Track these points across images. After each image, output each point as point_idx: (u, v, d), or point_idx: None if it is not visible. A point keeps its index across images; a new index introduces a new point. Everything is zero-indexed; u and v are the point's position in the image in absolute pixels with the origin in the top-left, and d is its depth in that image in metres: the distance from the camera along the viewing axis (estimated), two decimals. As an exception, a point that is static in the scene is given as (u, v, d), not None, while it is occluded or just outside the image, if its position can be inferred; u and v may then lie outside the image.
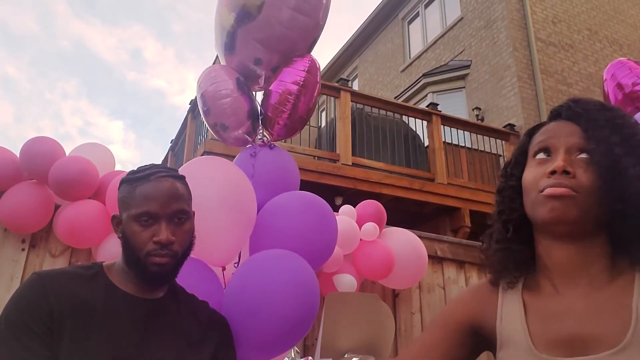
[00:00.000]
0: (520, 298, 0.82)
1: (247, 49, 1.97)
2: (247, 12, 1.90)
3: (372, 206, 3.19)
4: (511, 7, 8.20)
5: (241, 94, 1.99)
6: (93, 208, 2.37)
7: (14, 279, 2.46)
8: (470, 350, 0.86)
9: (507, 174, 0.88)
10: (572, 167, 0.75)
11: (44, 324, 0.97)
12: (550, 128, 0.82)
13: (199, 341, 1.15)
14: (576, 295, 0.75)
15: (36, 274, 1.04)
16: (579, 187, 0.74)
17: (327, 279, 2.92)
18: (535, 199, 0.77)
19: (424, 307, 3.44)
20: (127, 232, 1.09)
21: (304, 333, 1.65)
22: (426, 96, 9.18)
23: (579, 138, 0.78)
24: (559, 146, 0.78)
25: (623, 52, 9.13)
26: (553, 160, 0.78)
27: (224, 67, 2.08)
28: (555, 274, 0.79)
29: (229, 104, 1.97)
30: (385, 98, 7.27)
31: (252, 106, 2.03)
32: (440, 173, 6.06)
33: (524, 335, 0.77)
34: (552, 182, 0.75)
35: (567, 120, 0.81)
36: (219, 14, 2.00)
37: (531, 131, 0.87)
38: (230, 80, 2.00)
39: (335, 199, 5.58)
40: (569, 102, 0.84)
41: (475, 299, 0.88)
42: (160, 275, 1.10)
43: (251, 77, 2.06)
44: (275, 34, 1.95)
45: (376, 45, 12.22)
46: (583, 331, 0.72)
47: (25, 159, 2.42)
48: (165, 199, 1.09)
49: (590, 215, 0.74)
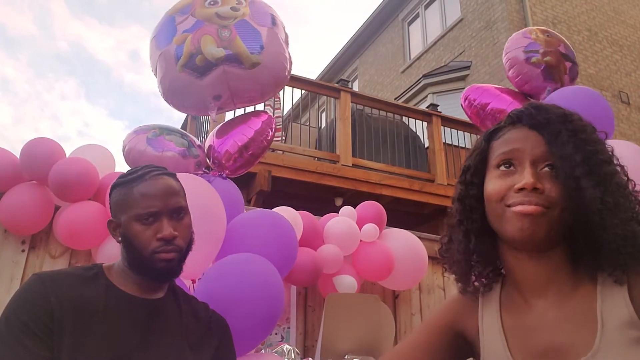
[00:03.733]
0: (498, 313, 0.83)
1: (215, 85, 2.01)
2: (239, 61, 1.97)
3: (372, 207, 3.19)
4: (511, 8, 8.21)
5: (183, 158, 2.05)
6: (93, 209, 2.37)
7: (13, 280, 2.46)
8: (455, 353, 0.87)
9: (467, 182, 0.85)
10: (540, 183, 0.74)
11: (44, 324, 0.97)
12: (513, 137, 0.79)
13: (199, 342, 1.16)
14: (546, 307, 0.77)
15: (36, 275, 1.04)
16: (549, 202, 0.73)
17: (328, 280, 2.92)
18: (502, 214, 0.76)
19: (424, 308, 3.43)
20: (129, 233, 1.09)
21: (270, 330, 1.78)
22: (426, 97, 9.19)
23: (543, 150, 0.76)
24: (524, 159, 0.76)
25: (623, 53, 9.14)
26: (519, 173, 0.76)
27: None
28: (525, 287, 0.79)
29: (175, 166, 2.01)
30: (385, 99, 7.27)
31: (197, 161, 2.11)
32: (441, 174, 6.06)
33: (503, 351, 0.79)
34: (522, 199, 0.73)
35: (529, 128, 0.78)
36: (202, 37, 2.00)
37: (489, 136, 0.84)
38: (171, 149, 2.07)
39: (335, 200, 5.58)
40: (530, 109, 0.80)
41: (461, 308, 0.89)
42: (168, 271, 1.11)
43: (200, 107, 2.14)
44: (249, 89, 2.07)
45: (376, 46, 12.23)
46: (555, 341, 0.74)
47: (25, 160, 2.42)
48: (164, 195, 1.10)
49: (556, 229, 0.73)
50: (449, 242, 0.88)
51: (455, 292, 0.93)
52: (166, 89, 2.06)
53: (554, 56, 2.33)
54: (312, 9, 65.58)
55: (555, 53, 2.34)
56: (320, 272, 2.80)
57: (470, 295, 0.88)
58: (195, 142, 2.09)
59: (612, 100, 8.40)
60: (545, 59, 2.32)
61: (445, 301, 0.94)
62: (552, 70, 2.32)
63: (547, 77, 2.34)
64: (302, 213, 2.83)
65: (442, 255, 0.89)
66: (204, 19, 1.99)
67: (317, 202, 5.29)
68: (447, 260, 0.88)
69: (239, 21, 2.00)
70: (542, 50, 2.34)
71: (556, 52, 2.34)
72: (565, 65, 2.33)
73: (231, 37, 1.95)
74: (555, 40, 2.39)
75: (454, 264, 0.87)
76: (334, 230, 2.93)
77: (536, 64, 2.34)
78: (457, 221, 0.86)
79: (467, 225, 0.84)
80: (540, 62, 2.33)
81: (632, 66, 9.15)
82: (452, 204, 0.88)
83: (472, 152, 0.86)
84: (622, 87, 8.78)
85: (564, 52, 2.36)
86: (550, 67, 2.32)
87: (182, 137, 2.06)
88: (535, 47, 2.36)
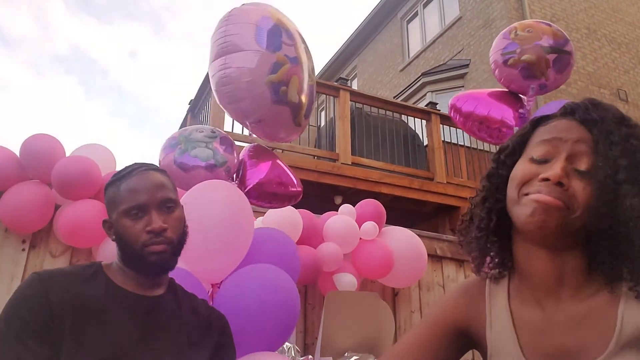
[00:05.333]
0: (507, 306, 0.80)
1: (274, 112, 2.10)
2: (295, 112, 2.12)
3: (372, 205, 3.19)
4: (510, 6, 8.21)
5: (211, 172, 2.09)
6: (93, 208, 2.37)
7: (14, 279, 2.46)
8: (457, 350, 0.85)
9: (499, 161, 0.82)
10: (568, 179, 0.70)
11: (44, 323, 0.97)
12: (559, 126, 0.75)
13: (199, 338, 1.16)
14: (559, 308, 0.75)
15: (36, 274, 1.04)
16: (572, 203, 0.69)
17: (327, 278, 2.93)
18: (519, 200, 0.74)
19: (423, 306, 3.44)
20: (120, 229, 1.10)
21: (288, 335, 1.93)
22: (425, 95, 9.20)
23: (586, 147, 0.71)
24: (562, 150, 0.72)
25: (621, 51, 9.14)
26: (550, 164, 0.72)
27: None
28: (535, 284, 0.77)
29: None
30: (384, 97, 7.28)
31: (226, 167, 2.15)
32: (440, 172, 6.06)
33: (515, 349, 0.76)
34: (543, 189, 0.70)
35: (579, 122, 0.74)
36: (292, 76, 2.07)
37: (536, 122, 0.80)
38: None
39: (335, 198, 5.59)
40: (587, 103, 0.76)
41: (464, 301, 0.86)
42: (160, 265, 1.10)
43: (246, 116, 2.19)
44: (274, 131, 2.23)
45: (375, 45, 12.22)
46: (567, 343, 0.72)
47: (26, 158, 2.42)
48: (151, 188, 1.11)
49: (571, 230, 0.70)
50: (470, 220, 0.85)
51: (457, 285, 0.91)
52: (240, 80, 2.01)
53: (533, 52, 2.30)
54: (311, 7, 65.47)
55: (534, 49, 2.30)
56: (320, 270, 2.81)
57: (480, 281, 0.85)
58: (219, 148, 2.08)
59: (610, 98, 8.40)
60: (523, 57, 2.31)
61: (447, 296, 0.91)
62: (532, 67, 2.30)
63: (527, 76, 2.33)
64: (301, 211, 2.83)
65: (460, 232, 0.86)
66: (300, 61, 2.11)
67: (317, 201, 5.30)
68: (465, 238, 0.85)
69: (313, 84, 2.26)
70: (519, 50, 2.32)
71: (536, 48, 2.30)
72: (547, 59, 2.29)
73: (308, 92, 2.18)
74: (537, 34, 2.33)
75: (471, 242, 0.84)
76: (334, 228, 2.94)
77: (513, 65, 2.34)
78: (481, 198, 0.83)
79: (491, 204, 0.81)
80: (517, 62, 2.32)
81: (630, 64, 9.16)
82: (480, 182, 0.85)
83: (516, 133, 0.83)
84: (620, 85, 8.79)
85: (546, 44, 2.31)
86: (530, 65, 2.30)
87: (206, 147, 2.07)
88: (512, 48, 2.35)
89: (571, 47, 2.37)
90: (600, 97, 8.19)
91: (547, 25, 2.42)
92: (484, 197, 0.83)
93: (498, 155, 0.83)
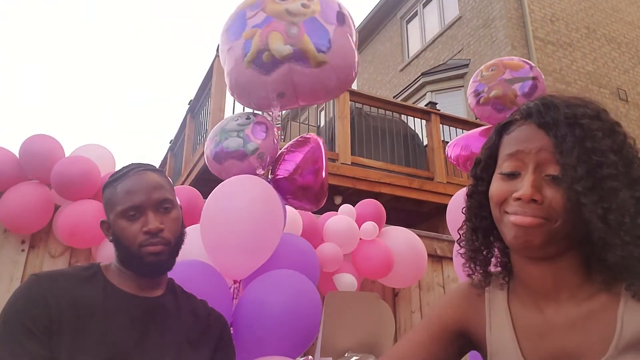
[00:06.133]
0: (507, 308, 0.81)
1: (279, 82, 1.97)
2: (305, 60, 1.91)
3: (372, 205, 3.19)
4: (509, 6, 8.21)
5: (241, 161, 2.05)
6: (93, 208, 2.37)
7: (13, 280, 2.46)
8: (457, 351, 0.85)
9: (476, 176, 0.83)
10: (539, 193, 0.70)
11: (42, 324, 0.97)
12: (521, 136, 0.75)
13: (198, 339, 1.16)
14: (558, 311, 0.75)
15: (34, 275, 1.04)
16: (550, 214, 0.69)
17: (327, 278, 2.93)
18: (502, 219, 0.74)
19: (423, 306, 3.44)
20: (117, 230, 1.10)
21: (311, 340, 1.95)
22: (425, 95, 9.20)
23: (549, 154, 0.71)
24: (527, 162, 0.72)
25: (621, 50, 9.15)
26: (521, 177, 0.72)
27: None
28: (533, 289, 0.78)
29: (239, 172, 2.02)
30: (384, 97, 7.28)
31: (258, 154, 2.09)
32: (440, 172, 6.06)
33: (515, 351, 0.77)
34: (518, 209, 0.71)
35: (537, 126, 0.73)
36: (271, 33, 1.96)
37: (500, 130, 0.80)
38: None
39: (335, 198, 5.59)
40: (539, 105, 0.75)
41: (464, 302, 0.87)
42: (157, 265, 1.10)
43: (264, 104, 2.11)
44: (314, 88, 2.01)
45: (375, 45, 12.23)
46: (567, 346, 0.72)
47: (26, 159, 2.41)
48: (147, 189, 1.10)
49: (559, 237, 0.70)
50: (464, 234, 0.86)
51: (457, 286, 0.91)
52: (232, 83, 2.03)
53: (499, 87, 2.43)
54: (311, 8, 65.25)
55: (500, 84, 2.43)
56: (319, 270, 2.81)
57: (476, 289, 0.86)
58: (250, 135, 2.03)
59: (610, 98, 8.41)
60: (492, 94, 2.44)
61: (447, 296, 0.91)
62: (501, 101, 2.44)
63: (500, 109, 2.46)
64: (301, 211, 2.83)
65: (459, 245, 0.87)
66: (274, 15, 1.96)
67: (317, 201, 5.30)
68: (463, 251, 0.86)
69: (308, 18, 1.95)
70: (486, 88, 2.47)
71: (501, 82, 2.44)
72: (513, 89, 2.42)
73: (299, 35, 1.91)
74: (499, 70, 2.48)
75: (464, 254, 0.86)
76: (334, 228, 2.94)
77: (485, 103, 2.48)
78: (466, 217, 0.84)
79: (475, 222, 0.82)
80: (487, 100, 2.45)
81: (630, 63, 9.17)
82: (465, 200, 0.86)
83: (484, 145, 0.83)
84: (620, 85, 8.79)
85: (509, 77, 2.44)
86: (498, 99, 2.44)
87: (237, 136, 2.03)
88: (481, 88, 2.50)
89: (537, 71, 2.48)
90: (600, 96, 8.20)
91: (510, 60, 2.56)
92: (467, 217, 0.84)
93: (475, 170, 0.83)
